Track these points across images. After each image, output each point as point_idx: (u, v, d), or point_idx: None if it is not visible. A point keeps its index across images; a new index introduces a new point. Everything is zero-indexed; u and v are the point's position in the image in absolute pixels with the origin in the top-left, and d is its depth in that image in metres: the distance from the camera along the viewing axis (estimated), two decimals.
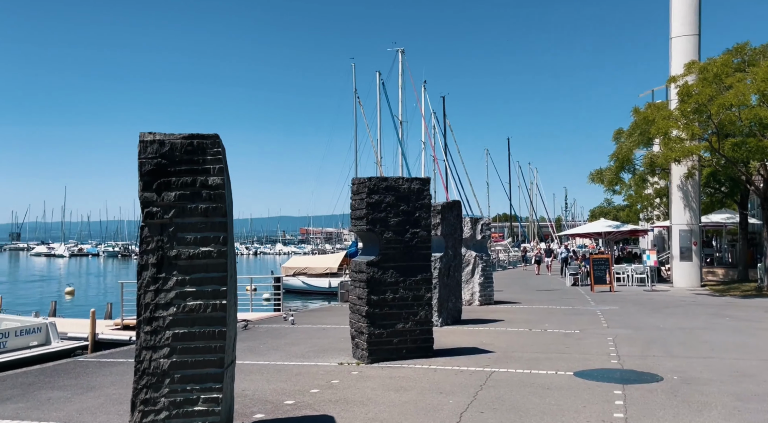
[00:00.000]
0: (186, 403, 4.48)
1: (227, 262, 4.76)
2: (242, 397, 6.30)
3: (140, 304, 4.59)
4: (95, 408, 6.12)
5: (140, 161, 4.60)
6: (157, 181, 4.62)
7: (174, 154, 4.65)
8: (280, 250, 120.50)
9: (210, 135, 4.73)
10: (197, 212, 4.70)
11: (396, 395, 6.39)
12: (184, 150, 4.66)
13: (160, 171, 4.63)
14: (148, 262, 4.63)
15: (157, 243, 4.65)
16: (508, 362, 8.15)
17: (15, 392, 6.94)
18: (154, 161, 4.60)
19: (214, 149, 4.72)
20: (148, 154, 4.60)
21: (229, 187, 5.17)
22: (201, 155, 4.70)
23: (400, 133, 43.27)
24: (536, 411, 5.78)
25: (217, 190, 4.73)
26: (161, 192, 4.64)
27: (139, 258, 4.65)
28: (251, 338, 10.76)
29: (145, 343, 4.55)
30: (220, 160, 4.74)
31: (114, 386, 7.13)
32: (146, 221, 4.63)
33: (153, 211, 4.63)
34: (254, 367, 8.00)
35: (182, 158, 4.66)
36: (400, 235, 8.40)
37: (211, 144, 4.72)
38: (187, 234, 4.69)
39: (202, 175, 4.70)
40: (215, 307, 4.67)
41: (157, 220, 4.64)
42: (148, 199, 4.63)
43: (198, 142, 4.69)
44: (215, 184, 4.72)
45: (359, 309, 8.32)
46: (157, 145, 4.61)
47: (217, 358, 4.59)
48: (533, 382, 7.00)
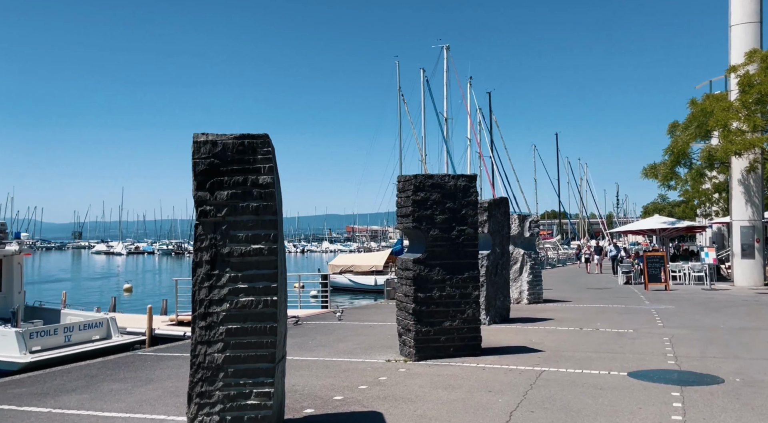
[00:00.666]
0: (239, 397, 4.59)
1: (277, 259, 4.85)
2: (292, 392, 6.42)
3: (195, 300, 4.73)
4: (154, 400, 6.37)
5: (194, 161, 4.74)
6: (210, 181, 4.76)
7: (226, 154, 4.77)
8: (326, 248, 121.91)
9: (260, 135, 4.83)
10: (248, 210, 4.81)
11: (444, 393, 6.37)
12: (236, 150, 4.78)
13: (213, 170, 4.76)
14: (202, 259, 4.77)
15: (211, 240, 4.78)
16: (559, 361, 7.99)
17: (79, 384, 7.29)
18: (207, 161, 4.74)
19: (264, 149, 4.82)
20: (202, 154, 4.74)
21: (279, 186, 5.27)
22: (252, 155, 4.80)
23: (445, 130, 43.00)
24: (589, 411, 5.64)
25: (267, 189, 4.82)
26: (214, 191, 4.77)
27: (193, 255, 4.80)
28: (300, 334, 10.94)
29: (200, 337, 4.69)
30: (270, 159, 4.83)
31: (171, 379, 7.39)
32: (200, 219, 4.77)
33: (206, 209, 4.77)
34: (303, 363, 8.13)
35: (234, 158, 4.77)
36: (447, 232, 8.36)
37: (261, 144, 4.82)
38: (239, 232, 4.80)
39: (252, 174, 4.81)
40: (266, 303, 4.76)
41: (210, 218, 4.77)
42: (202, 198, 4.77)
43: (249, 142, 4.80)
44: (265, 183, 4.82)
45: (406, 306, 8.34)
46: (210, 145, 4.75)
47: (269, 354, 4.69)
48: (585, 382, 6.84)
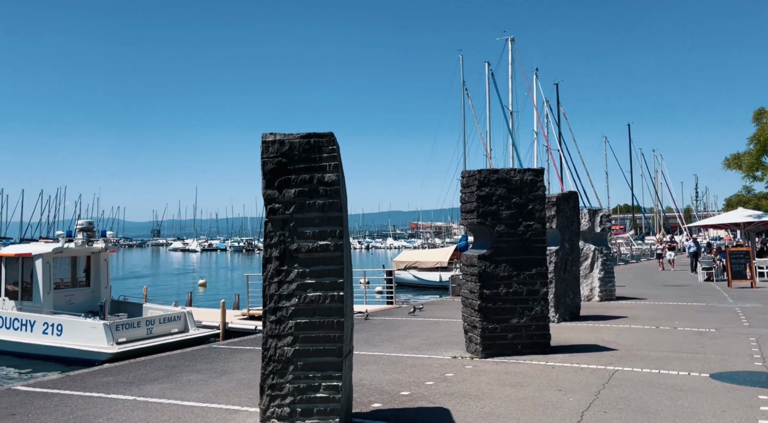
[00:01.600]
0: (309, 390, 4.71)
1: (343, 255, 4.93)
2: (360, 387, 6.51)
3: (265, 295, 4.89)
4: (228, 391, 6.63)
5: (263, 160, 4.89)
6: (278, 179, 4.89)
7: (293, 152, 4.89)
8: (390, 244, 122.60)
9: (325, 134, 4.92)
10: (315, 208, 4.91)
11: (512, 391, 6.27)
12: (302, 149, 4.89)
13: (281, 169, 4.89)
14: (272, 255, 4.92)
15: (280, 237, 4.92)
16: (634, 361, 7.67)
17: (161, 374, 7.70)
18: (275, 160, 4.88)
19: (330, 147, 4.91)
20: (270, 153, 4.88)
21: (344, 183, 5.35)
22: (317, 153, 4.90)
23: (511, 123, 42.14)
24: (667, 413, 5.39)
25: (333, 187, 4.91)
26: (282, 189, 4.90)
27: (263, 251, 4.95)
28: (366, 330, 11.07)
29: (271, 331, 4.84)
30: (335, 157, 4.91)
31: (244, 372, 7.67)
32: (269, 217, 4.92)
33: (275, 207, 4.91)
34: (370, 358, 8.23)
35: (300, 156, 4.89)
36: (513, 228, 8.21)
37: (326, 142, 4.90)
38: (306, 228, 4.91)
39: (318, 173, 4.90)
40: (333, 298, 4.85)
41: (279, 215, 4.91)
42: (271, 196, 4.91)
43: (315, 141, 4.90)
44: (331, 181, 4.90)
45: (471, 303, 8.26)
46: (277, 144, 4.88)
47: (336, 348, 4.78)
48: (663, 382, 6.54)
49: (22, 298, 15.15)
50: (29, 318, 14.43)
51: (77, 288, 16.06)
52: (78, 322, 13.99)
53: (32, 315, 14.48)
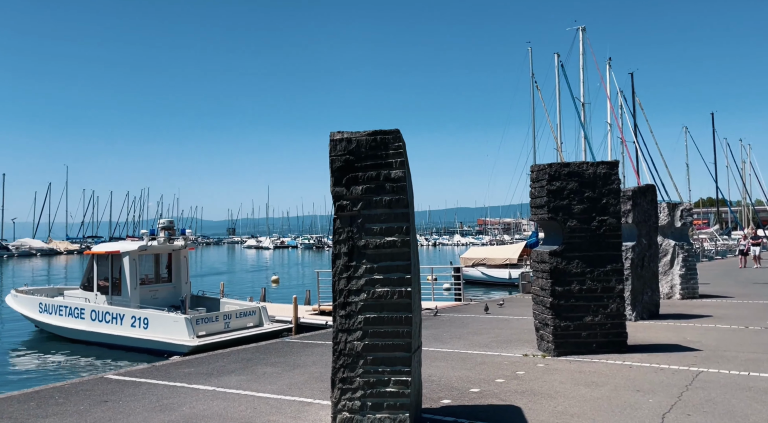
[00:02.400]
0: (378, 384, 4.77)
1: (410, 251, 4.95)
2: (429, 382, 6.52)
3: (335, 290, 4.99)
4: (301, 384, 6.83)
5: (331, 158, 4.99)
6: (346, 176, 4.97)
7: (360, 150, 4.96)
8: (458, 241, 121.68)
9: (391, 130, 4.96)
10: (381, 204, 4.96)
11: (587, 390, 6.08)
12: (369, 146, 4.95)
13: (349, 167, 4.97)
14: (341, 251, 5.01)
15: (348, 233, 5.00)
16: (720, 362, 7.24)
17: (237, 366, 8.03)
18: (343, 158, 4.96)
19: (396, 144, 4.94)
20: (338, 151, 4.98)
21: (410, 180, 5.37)
22: (384, 150, 4.94)
23: (582, 115, 40.68)
24: (759, 418, 5.05)
25: (399, 183, 4.94)
26: (350, 186, 4.98)
27: (332, 247, 5.06)
28: (435, 326, 11.06)
29: (341, 326, 4.93)
30: (401, 153, 4.93)
31: (315, 365, 7.86)
32: (338, 214, 5.01)
33: (343, 204, 5.00)
34: (439, 354, 8.21)
35: (367, 154, 4.95)
36: (586, 223, 7.94)
37: (392, 139, 4.94)
38: (373, 225, 4.97)
39: (385, 169, 4.95)
40: (401, 293, 4.88)
41: (347, 212, 5.00)
42: (339, 193, 5.00)
43: (381, 138, 4.95)
44: (397, 177, 4.93)
45: (543, 300, 8.06)
46: (345, 142, 4.97)
47: (405, 343, 4.81)
48: (753, 385, 6.13)
49: (112, 293, 16.21)
50: (119, 312, 15.42)
51: (160, 284, 17.00)
52: (162, 316, 14.81)
53: (121, 309, 15.47)
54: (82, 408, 6.03)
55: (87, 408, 6.02)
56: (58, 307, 17.00)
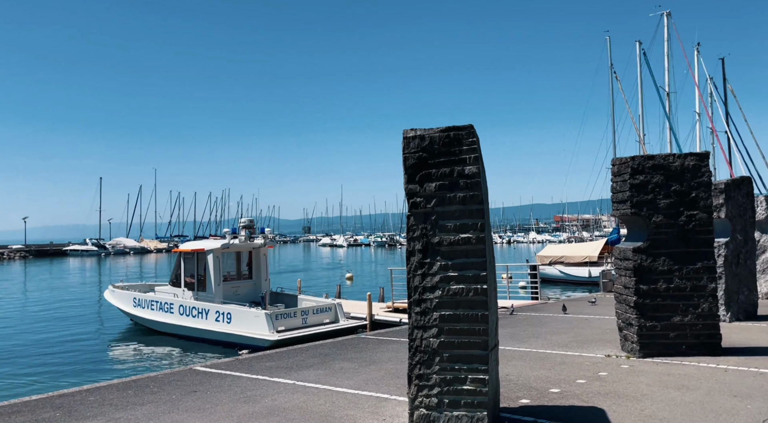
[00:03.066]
0: (455, 382, 4.74)
1: (485, 248, 4.88)
2: (506, 382, 6.41)
3: (410, 287, 5.01)
4: (377, 379, 6.91)
5: (404, 156, 5.01)
6: (420, 173, 4.98)
7: (433, 147, 4.95)
8: (533, 238, 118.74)
9: (465, 126, 4.91)
10: (455, 201, 4.92)
11: (677, 394, 5.75)
12: (442, 142, 4.93)
13: (422, 164, 4.97)
14: (415, 248, 5.02)
15: (422, 230, 5.00)
16: None
17: (316, 361, 8.24)
18: (416, 155, 4.97)
19: (469, 139, 4.88)
20: (411, 149, 4.99)
21: (484, 176, 5.29)
22: (457, 146, 4.90)
23: (667, 105, 38.47)
24: None
25: (473, 179, 4.88)
26: (423, 183, 4.98)
27: (407, 244, 5.07)
28: (511, 325, 10.85)
29: (416, 322, 4.95)
30: (474, 149, 4.88)
31: (391, 362, 7.93)
32: (411, 211, 5.02)
33: (417, 201, 5.00)
34: (516, 354, 8.05)
35: (440, 150, 4.93)
36: (673, 218, 7.51)
37: (466, 135, 4.89)
38: (447, 221, 4.94)
39: (458, 165, 4.90)
40: (476, 291, 4.83)
41: (420, 209, 5.00)
42: (412, 191, 5.02)
43: (454, 134, 4.91)
44: (471, 173, 4.88)
45: (626, 299, 7.71)
46: (418, 140, 4.97)
47: (482, 341, 4.75)
48: None
49: (198, 289, 17.09)
50: (204, 307, 16.24)
51: (241, 280, 17.73)
52: (244, 311, 15.45)
53: (206, 304, 16.27)
54: (174, 397, 6.40)
55: (178, 397, 6.38)
56: (150, 301, 18.12)
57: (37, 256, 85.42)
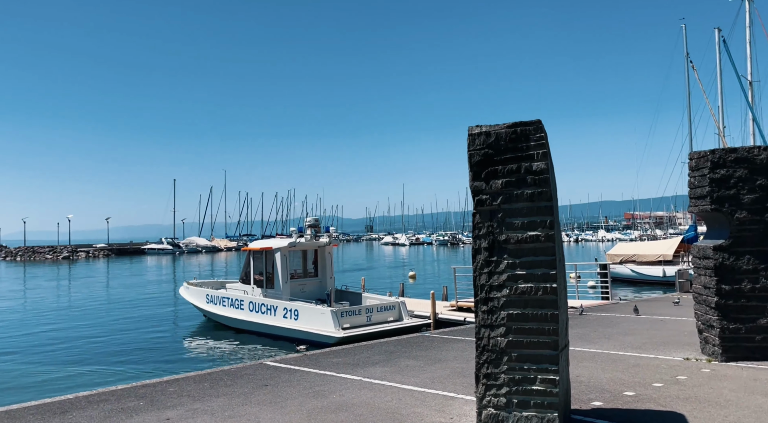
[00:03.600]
0: (524, 382, 4.66)
1: (555, 246, 4.76)
2: (577, 383, 6.23)
3: (476, 285, 4.96)
4: (443, 378, 6.89)
5: (469, 153, 4.97)
6: (485, 170, 4.92)
7: (499, 143, 4.88)
8: (602, 236, 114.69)
9: (532, 122, 4.81)
10: (523, 198, 4.83)
11: (765, 400, 5.41)
12: (509, 138, 4.85)
13: (488, 160, 4.91)
14: (481, 246, 4.97)
15: (488, 228, 4.94)
16: None
17: (381, 358, 8.31)
18: (481, 152, 4.92)
19: (537, 135, 4.78)
20: (476, 145, 4.94)
21: (553, 172, 5.16)
22: (524, 142, 4.81)
23: (750, 95, 36.09)
24: None
25: (542, 175, 4.77)
26: (489, 180, 4.92)
27: (472, 242, 5.03)
28: (581, 325, 10.53)
29: (483, 321, 4.89)
30: (543, 145, 4.77)
31: (456, 360, 7.89)
32: (477, 208, 4.97)
33: (483, 198, 4.95)
34: (586, 355, 7.81)
35: (507, 146, 4.85)
36: (758, 214, 7.05)
37: (533, 130, 4.79)
38: (514, 219, 4.86)
39: (526, 162, 4.81)
40: (545, 290, 4.72)
41: (486, 206, 4.94)
42: (478, 188, 4.96)
43: (521, 130, 4.82)
44: (539, 170, 4.77)
45: (706, 300, 7.31)
46: (483, 136, 4.91)
47: (551, 341, 4.64)
48: None
49: (266, 286, 17.61)
50: (272, 304, 16.71)
51: (307, 278, 18.12)
52: (310, 308, 15.78)
53: (274, 301, 16.75)
54: (246, 390, 6.64)
55: (251, 390, 6.62)
56: (222, 298, 18.85)
57: (118, 254, 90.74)
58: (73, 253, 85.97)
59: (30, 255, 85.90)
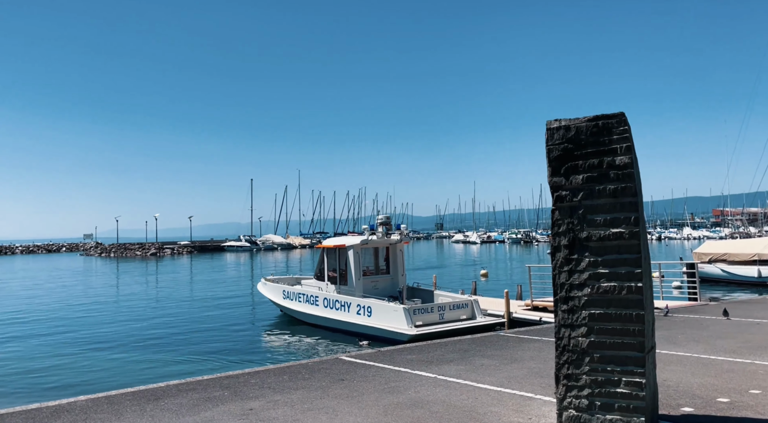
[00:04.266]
0: (608, 384, 4.49)
1: (640, 243, 4.56)
2: (664, 387, 5.94)
3: (555, 284, 4.83)
4: (520, 378, 6.76)
5: (548, 148, 4.84)
6: (565, 166, 4.77)
7: (579, 137, 4.72)
8: (688, 234, 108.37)
9: (615, 114, 4.62)
10: (605, 193, 4.65)
11: None
12: (590, 132, 4.68)
13: (567, 155, 4.76)
14: (561, 243, 4.83)
15: (568, 225, 4.80)
16: None
17: (455, 356, 8.27)
18: (560, 147, 4.78)
19: (620, 128, 4.59)
20: (555, 140, 4.80)
21: (637, 167, 4.94)
22: (606, 136, 4.63)
23: None
24: None
25: (626, 170, 4.57)
26: (569, 176, 4.77)
27: (551, 240, 4.90)
28: (666, 327, 10.01)
29: (563, 321, 4.76)
30: (627, 138, 4.57)
31: (533, 360, 7.71)
32: (556, 204, 4.84)
33: (562, 194, 4.81)
34: (673, 358, 7.42)
35: (588, 141, 4.69)
36: None
37: (616, 123, 4.60)
38: (596, 215, 4.69)
39: (608, 156, 4.63)
40: (630, 289, 4.53)
41: (566, 203, 4.80)
42: (557, 184, 4.83)
43: (603, 123, 4.64)
44: (623, 164, 4.58)
45: None
46: (563, 130, 4.77)
47: (637, 342, 4.45)
48: None
49: (340, 283, 17.95)
50: (346, 300, 17.01)
51: (379, 275, 18.29)
52: (383, 305, 15.93)
53: (348, 298, 17.04)
54: (323, 384, 6.80)
55: (328, 384, 6.78)
56: (297, 294, 19.39)
57: (200, 251, 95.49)
58: (160, 250, 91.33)
59: (122, 251, 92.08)
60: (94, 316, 23.76)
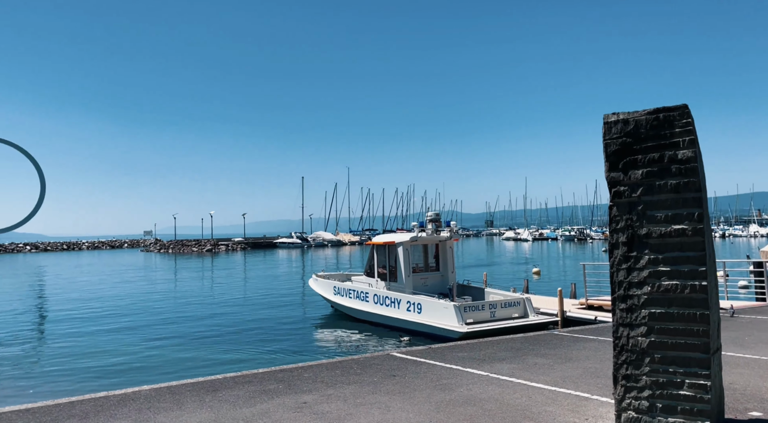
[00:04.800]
0: (669, 385, 4.34)
1: (704, 240, 4.38)
2: (730, 391, 5.69)
3: (613, 282, 4.70)
4: (575, 377, 6.62)
5: (605, 142, 4.71)
6: (623, 160, 4.63)
7: (639, 131, 4.57)
8: (755, 231, 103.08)
9: (677, 106, 4.45)
10: (666, 189, 4.49)
11: None
12: (649, 126, 4.53)
13: (626, 150, 4.62)
14: (619, 240, 4.69)
15: (627, 221, 4.66)
16: None
17: (508, 354, 8.17)
18: (619, 141, 4.64)
19: (683, 121, 4.41)
20: (613, 134, 4.67)
21: (701, 161, 4.74)
22: (668, 129, 4.47)
23: None
24: None
25: (688, 164, 4.40)
26: (628, 170, 4.63)
27: (609, 237, 4.77)
28: (732, 328, 9.57)
29: (621, 319, 4.63)
30: (690, 131, 4.39)
31: (589, 360, 7.53)
32: (614, 201, 4.70)
33: (621, 190, 4.67)
34: (740, 361, 7.09)
35: (648, 134, 4.53)
36: None
37: (678, 116, 4.43)
38: (656, 212, 4.54)
39: (670, 150, 4.46)
40: (694, 288, 4.36)
41: (624, 199, 4.66)
42: (615, 179, 4.69)
43: (664, 116, 4.48)
44: (686, 158, 4.40)
45: None
46: (621, 124, 4.63)
47: (701, 343, 4.28)
48: None
49: (390, 280, 18.02)
50: (396, 297, 17.07)
51: (429, 272, 18.26)
52: (433, 302, 15.90)
53: (398, 294, 17.09)
54: (375, 379, 6.86)
55: (379, 380, 6.83)
56: (348, 290, 19.61)
57: (253, 247, 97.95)
58: (215, 246, 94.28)
59: (179, 248, 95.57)
60: (155, 310, 24.80)
